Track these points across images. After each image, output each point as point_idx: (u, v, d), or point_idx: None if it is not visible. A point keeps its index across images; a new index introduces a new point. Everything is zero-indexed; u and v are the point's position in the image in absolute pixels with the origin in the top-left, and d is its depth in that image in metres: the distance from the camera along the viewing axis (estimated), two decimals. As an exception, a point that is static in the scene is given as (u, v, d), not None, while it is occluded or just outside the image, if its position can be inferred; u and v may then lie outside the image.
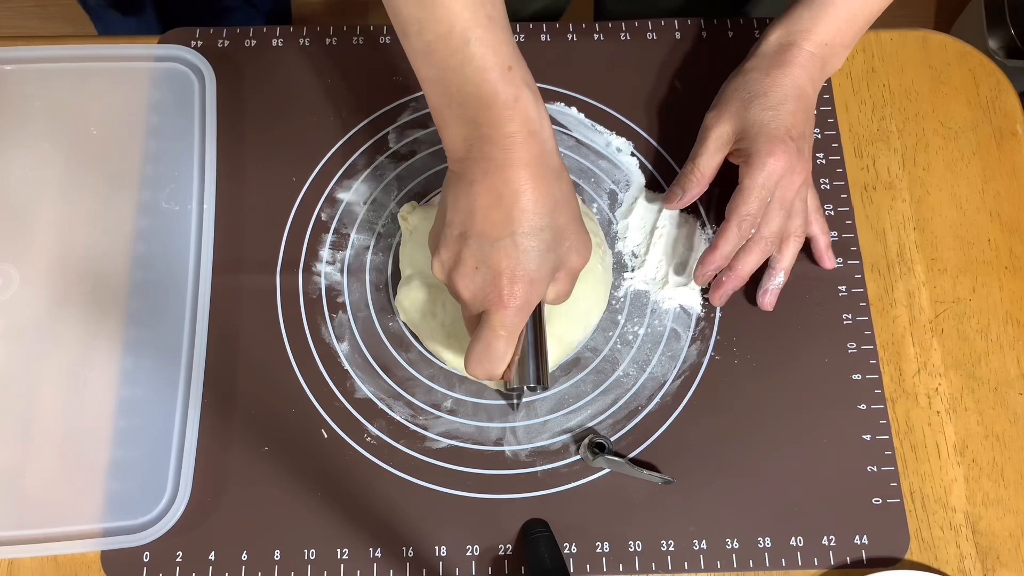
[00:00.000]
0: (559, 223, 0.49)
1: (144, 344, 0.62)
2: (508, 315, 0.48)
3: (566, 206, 0.50)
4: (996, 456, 0.61)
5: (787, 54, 0.61)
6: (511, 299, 0.48)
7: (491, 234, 0.48)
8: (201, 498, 0.58)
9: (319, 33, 0.71)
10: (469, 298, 0.50)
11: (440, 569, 0.57)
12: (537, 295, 0.49)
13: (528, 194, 0.47)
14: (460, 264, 0.49)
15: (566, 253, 0.50)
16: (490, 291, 0.49)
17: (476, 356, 0.50)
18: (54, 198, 0.65)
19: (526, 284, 0.48)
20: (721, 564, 0.57)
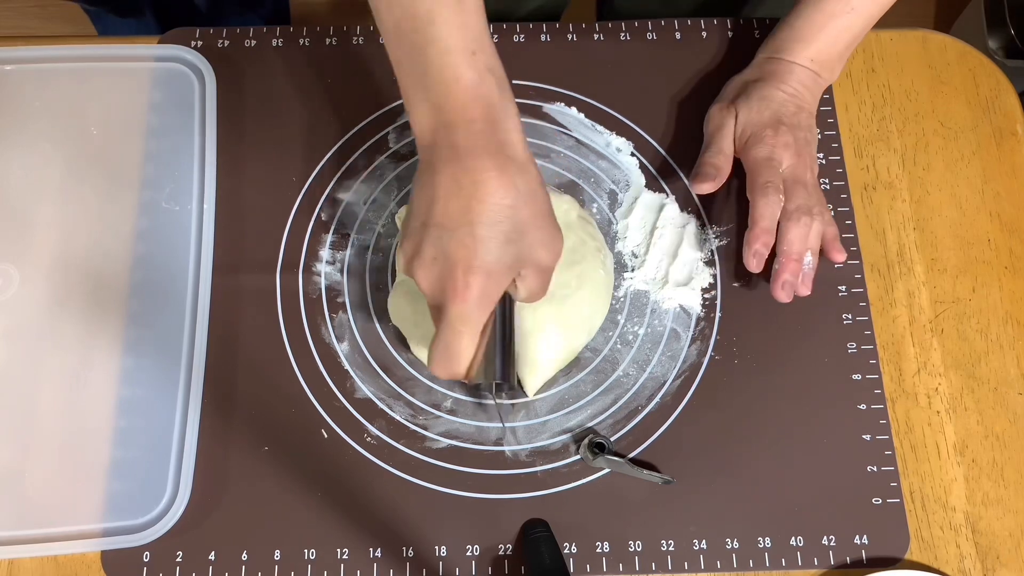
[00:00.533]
0: (521, 216, 0.47)
1: (144, 344, 0.62)
2: (466, 308, 0.47)
3: (530, 199, 0.48)
4: (996, 456, 0.61)
5: (778, 66, 0.64)
6: (467, 291, 0.47)
7: (448, 224, 0.47)
8: (201, 498, 0.58)
9: (319, 33, 0.71)
10: (428, 289, 0.49)
11: (440, 569, 0.57)
12: (496, 288, 0.48)
13: (487, 184, 0.46)
14: (419, 254, 0.48)
15: (529, 248, 0.48)
16: (447, 282, 0.47)
17: (437, 354, 0.49)
18: (54, 198, 0.65)
19: (483, 276, 0.47)
20: (721, 564, 0.57)
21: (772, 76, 0.64)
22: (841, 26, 0.63)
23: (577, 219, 0.62)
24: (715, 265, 0.65)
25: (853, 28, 0.64)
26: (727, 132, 0.64)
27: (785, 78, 0.63)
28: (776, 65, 0.64)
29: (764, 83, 0.64)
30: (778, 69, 0.64)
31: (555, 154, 0.68)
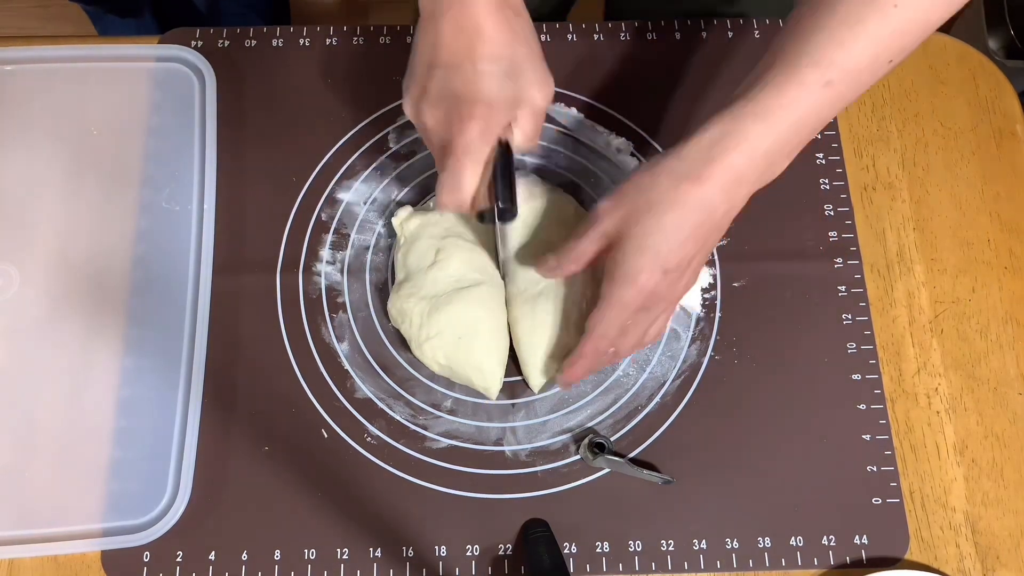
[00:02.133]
0: (518, 54, 0.51)
1: (144, 344, 0.62)
2: (469, 137, 0.50)
3: (525, 40, 0.52)
4: (996, 456, 0.61)
5: (710, 166, 0.49)
6: (471, 121, 0.50)
7: (452, 62, 0.50)
8: (201, 498, 0.58)
9: (319, 33, 0.71)
10: (434, 125, 0.52)
11: (440, 569, 0.57)
12: (497, 120, 0.51)
13: (487, 26, 0.50)
14: (425, 94, 0.51)
15: (526, 86, 0.51)
16: (452, 115, 0.50)
17: (445, 186, 0.51)
18: (54, 198, 0.65)
19: (485, 107, 0.50)
20: (721, 564, 0.57)
21: (688, 182, 0.50)
22: (803, 113, 0.50)
23: (574, 215, 0.62)
24: (715, 265, 0.65)
25: (820, 113, 0.51)
26: (593, 236, 0.53)
27: (702, 188, 0.50)
28: (706, 164, 0.50)
29: (669, 198, 0.50)
30: (703, 173, 0.50)
31: (555, 154, 0.68)
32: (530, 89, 0.51)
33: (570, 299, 0.59)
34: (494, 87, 0.50)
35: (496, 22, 0.50)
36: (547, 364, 0.59)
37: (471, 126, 0.50)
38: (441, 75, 0.51)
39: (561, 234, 0.60)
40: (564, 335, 0.59)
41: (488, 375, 0.59)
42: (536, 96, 0.52)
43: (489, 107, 0.50)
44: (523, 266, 0.60)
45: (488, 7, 0.50)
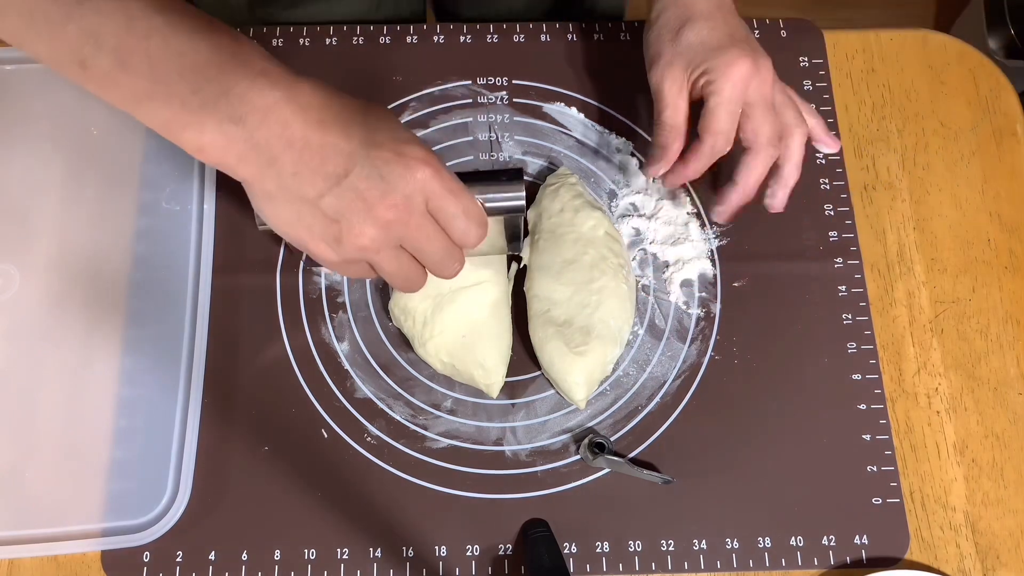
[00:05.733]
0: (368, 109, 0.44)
1: (144, 344, 0.62)
2: (456, 184, 0.44)
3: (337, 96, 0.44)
4: (996, 456, 0.61)
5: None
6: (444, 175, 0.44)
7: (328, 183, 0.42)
8: (201, 498, 0.58)
9: (319, 33, 0.71)
10: (377, 237, 0.44)
11: (440, 569, 0.57)
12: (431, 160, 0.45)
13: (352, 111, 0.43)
14: (370, 203, 0.43)
15: (383, 136, 0.43)
16: (430, 184, 0.43)
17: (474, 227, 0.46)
18: (54, 198, 0.65)
19: (430, 155, 0.44)
20: (721, 564, 0.57)
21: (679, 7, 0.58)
22: None
23: (603, 236, 0.62)
24: (715, 265, 0.65)
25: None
26: (670, 97, 0.57)
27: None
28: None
29: (682, 12, 0.58)
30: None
31: (555, 154, 0.68)
32: (389, 133, 0.44)
33: (597, 316, 0.59)
34: (411, 138, 0.44)
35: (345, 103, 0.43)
36: (587, 377, 0.59)
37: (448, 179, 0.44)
38: (334, 198, 0.42)
39: (587, 252, 0.60)
40: (602, 352, 0.59)
41: (491, 373, 0.59)
42: (401, 135, 0.45)
43: (430, 154, 0.44)
44: (547, 283, 0.60)
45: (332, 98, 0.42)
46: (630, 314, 0.61)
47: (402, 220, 0.44)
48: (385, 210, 0.43)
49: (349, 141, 0.41)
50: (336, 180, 0.41)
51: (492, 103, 0.69)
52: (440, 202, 0.44)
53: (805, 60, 0.71)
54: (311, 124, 0.40)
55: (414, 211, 0.44)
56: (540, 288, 0.60)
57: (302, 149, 0.40)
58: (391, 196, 0.42)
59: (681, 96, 0.58)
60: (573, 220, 0.62)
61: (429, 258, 0.47)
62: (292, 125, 0.40)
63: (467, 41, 0.71)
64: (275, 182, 0.41)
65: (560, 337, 0.58)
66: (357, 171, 0.41)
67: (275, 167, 0.40)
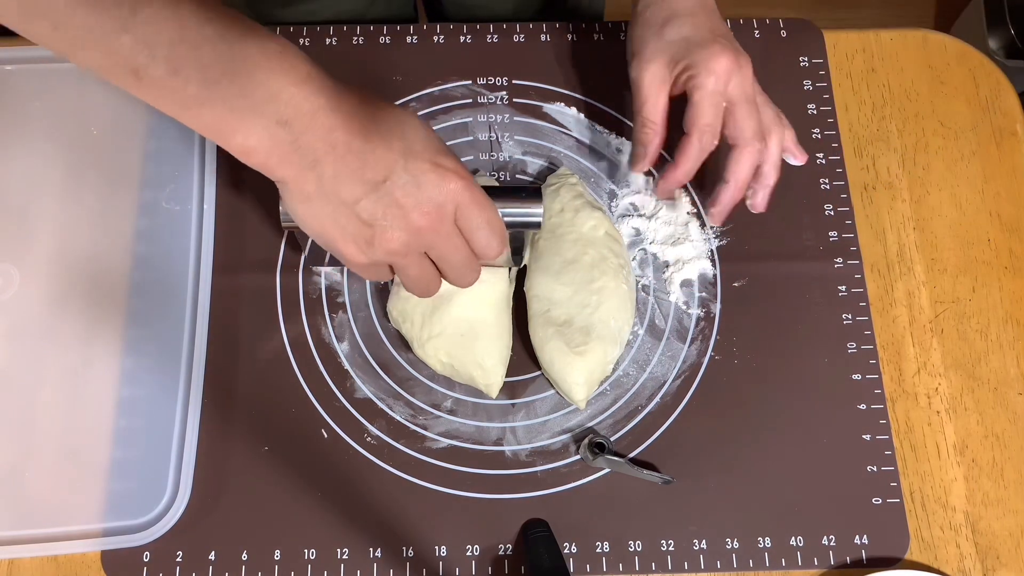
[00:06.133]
0: (415, 121, 0.46)
1: (144, 344, 0.62)
2: (483, 197, 0.46)
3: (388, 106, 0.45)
4: (996, 456, 0.61)
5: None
6: (473, 187, 0.45)
7: (366, 188, 0.43)
8: (201, 498, 0.58)
9: (319, 33, 0.71)
10: (407, 242, 0.45)
11: (440, 569, 0.57)
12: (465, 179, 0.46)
13: (394, 115, 0.44)
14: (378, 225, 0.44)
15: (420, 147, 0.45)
16: (461, 196, 0.45)
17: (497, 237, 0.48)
18: (54, 198, 0.65)
19: (463, 169, 0.45)
20: (721, 564, 0.57)
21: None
22: None
23: (604, 236, 0.62)
24: (715, 265, 0.65)
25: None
26: (650, 92, 0.58)
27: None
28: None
29: (666, 8, 0.58)
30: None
31: (555, 154, 0.68)
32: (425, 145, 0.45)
33: (598, 316, 0.59)
34: (445, 149, 0.46)
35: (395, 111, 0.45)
36: (587, 377, 0.59)
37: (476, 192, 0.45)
38: (372, 202, 0.43)
39: (587, 252, 0.60)
40: (603, 352, 0.59)
41: (490, 372, 0.59)
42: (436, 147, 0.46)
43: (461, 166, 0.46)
44: (547, 283, 0.60)
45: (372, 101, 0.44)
46: (630, 314, 0.61)
47: (433, 227, 0.45)
48: (419, 217, 0.44)
49: (389, 150, 0.43)
50: (374, 186, 0.43)
51: (492, 103, 0.69)
52: (468, 212, 0.46)
53: (805, 60, 0.71)
54: (354, 131, 0.41)
55: (445, 220, 0.45)
56: (540, 288, 0.60)
57: (344, 154, 0.41)
58: (425, 204, 0.44)
59: (661, 92, 0.58)
60: (573, 220, 0.62)
61: (450, 266, 0.49)
62: (336, 130, 0.41)
63: (467, 41, 0.71)
64: (315, 184, 0.42)
65: (560, 337, 0.58)
66: (395, 178, 0.43)
67: (316, 170, 0.41)
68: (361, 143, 0.42)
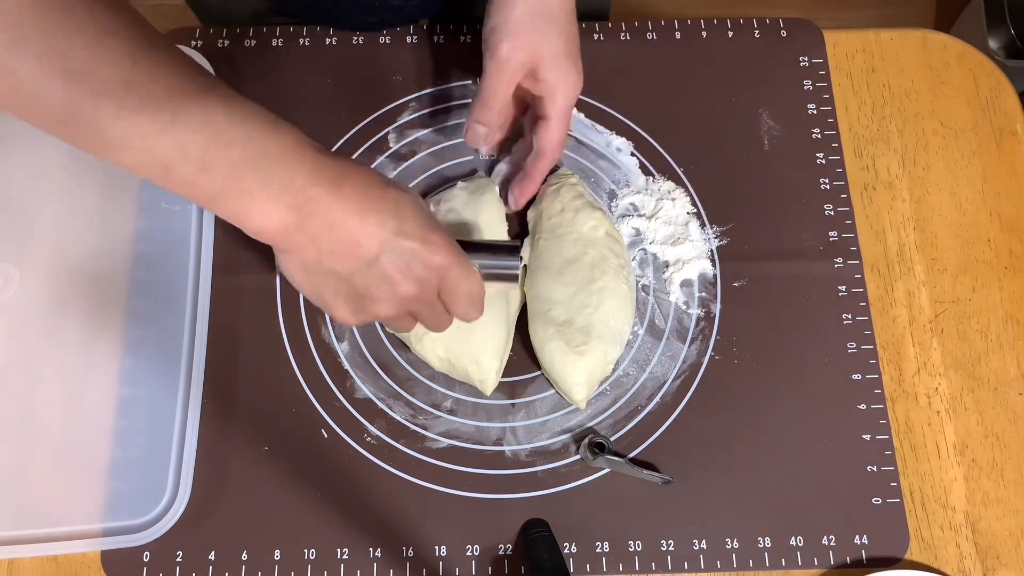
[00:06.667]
0: (392, 186, 0.48)
1: (144, 344, 0.62)
2: (466, 269, 0.50)
3: (374, 174, 0.48)
4: (996, 456, 0.61)
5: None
6: (458, 257, 0.49)
7: (360, 263, 0.47)
8: (201, 498, 0.58)
9: (319, 33, 0.71)
10: (393, 309, 0.49)
11: (440, 569, 0.57)
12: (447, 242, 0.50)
13: (376, 190, 0.47)
14: (369, 296, 0.48)
15: (412, 226, 0.48)
16: (446, 273, 0.49)
17: (476, 302, 0.52)
18: (54, 198, 0.65)
19: (450, 241, 0.49)
20: (721, 564, 0.57)
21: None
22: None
23: (604, 236, 0.62)
24: (715, 264, 0.65)
25: None
26: (508, 77, 0.58)
27: None
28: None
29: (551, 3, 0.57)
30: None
31: (555, 154, 0.68)
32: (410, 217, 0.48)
33: (598, 316, 0.59)
34: (431, 221, 0.49)
35: (374, 179, 0.47)
36: (588, 377, 0.59)
37: (460, 261, 0.49)
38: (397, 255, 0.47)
39: (587, 252, 0.60)
40: (603, 352, 0.59)
41: (485, 368, 0.59)
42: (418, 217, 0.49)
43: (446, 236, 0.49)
44: (548, 283, 0.60)
45: (357, 171, 0.46)
46: (630, 314, 0.61)
47: (418, 298, 0.49)
48: (407, 289, 0.48)
49: (383, 228, 0.46)
50: (368, 263, 0.47)
51: (492, 103, 0.69)
52: (451, 286, 0.50)
53: (805, 60, 0.71)
54: (351, 211, 0.45)
55: (429, 291, 0.50)
56: (540, 288, 0.60)
57: (341, 232, 0.45)
58: (413, 278, 0.48)
59: (508, 91, 0.59)
60: (574, 220, 0.62)
61: (427, 324, 0.53)
62: (334, 212, 0.45)
63: (467, 41, 0.71)
64: (314, 255, 0.46)
65: (560, 337, 0.58)
66: (387, 256, 0.47)
67: (316, 244, 0.45)
68: (357, 222, 0.45)
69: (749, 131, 0.68)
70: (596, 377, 0.59)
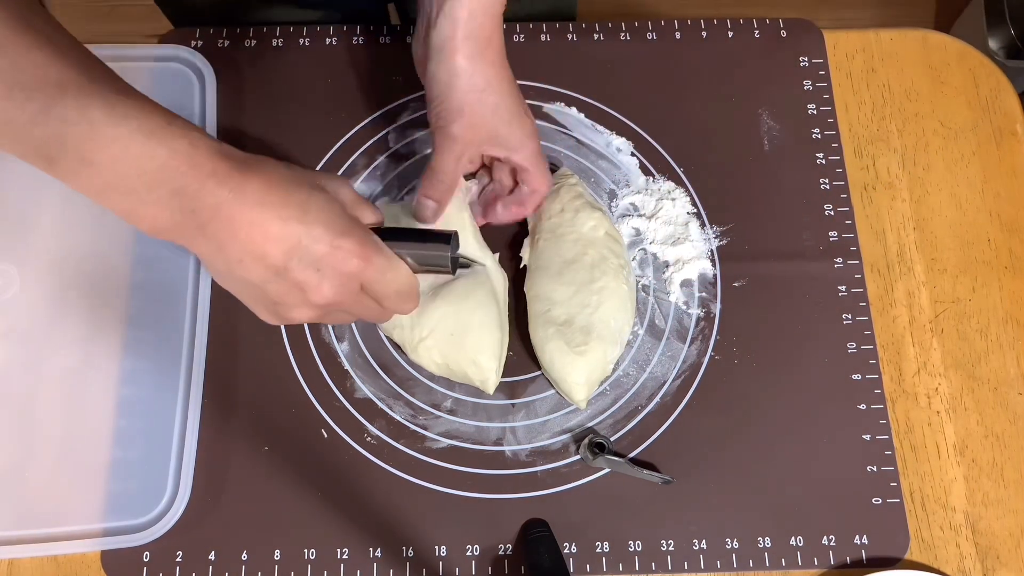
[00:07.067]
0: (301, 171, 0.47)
1: (144, 344, 0.62)
2: (371, 267, 0.47)
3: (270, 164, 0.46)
4: (996, 456, 0.61)
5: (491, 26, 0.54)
6: (364, 265, 0.46)
7: (268, 273, 0.45)
8: (201, 498, 0.58)
9: (319, 33, 0.71)
10: (314, 315, 0.48)
11: (440, 569, 0.57)
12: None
13: (279, 178, 0.45)
14: (283, 304, 0.47)
15: (320, 230, 0.46)
16: (331, 292, 0.46)
17: (397, 306, 0.50)
18: (55, 198, 0.65)
19: (350, 255, 0.46)
20: (721, 564, 0.57)
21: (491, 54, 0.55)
22: None
23: (604, 236, 0.62)
24: (715, 264, 0.65)
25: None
26: (463, 159, 0.57)
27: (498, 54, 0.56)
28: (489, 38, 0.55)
29: (501, 87, 0.56)
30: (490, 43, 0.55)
31: (555, 154, 0.68)
32: (334, 190, 0.48)
33: (598, 316, 0.59)
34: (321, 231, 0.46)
35: (279, 172, 0.45)
36: (588, 377, 0.59)
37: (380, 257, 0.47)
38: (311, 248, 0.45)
39: (587, 252, 0.60)
40: (603, 352, 0.59)
41: (484, 368, 0.59)
42: (341, 191, 0.49)
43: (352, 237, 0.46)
44: (548, 283, 0.60)
45: (262, 168, 0.44)
46: (630, 314, 0.61)
47: (337, 303, 0.48)
48: (320, 297, 0.46)
49: (288, 236, 0.44)
50: (276, 271, 0.45)
51: (492, 103, 0.69)
52: (374, 285, 0.48)
53: (805, 60, 0.71)
54: (255, 221, 0.43)
55: (348, 294, 0.48)
56: (540, 288, 0.60)
57: (245, 241, 0.44)
58: (324, 286, 0.46)
59: (459, 167, 0.58)
60: (574, 220, 0.62)
61: (366, 318, 0.52)
62: (236, 220, 0.43)
63: (467, 41, 0.71)
64: (224, 265, 0.45)
65: (561, 337, 0.58)
66: (295, 264, 0.45)
67: (223, 253, 0.44)
68: (261, 231, 0.44)
69: (749, 131, 0.69)
70: (596, 377, 0.59)
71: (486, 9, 0.52)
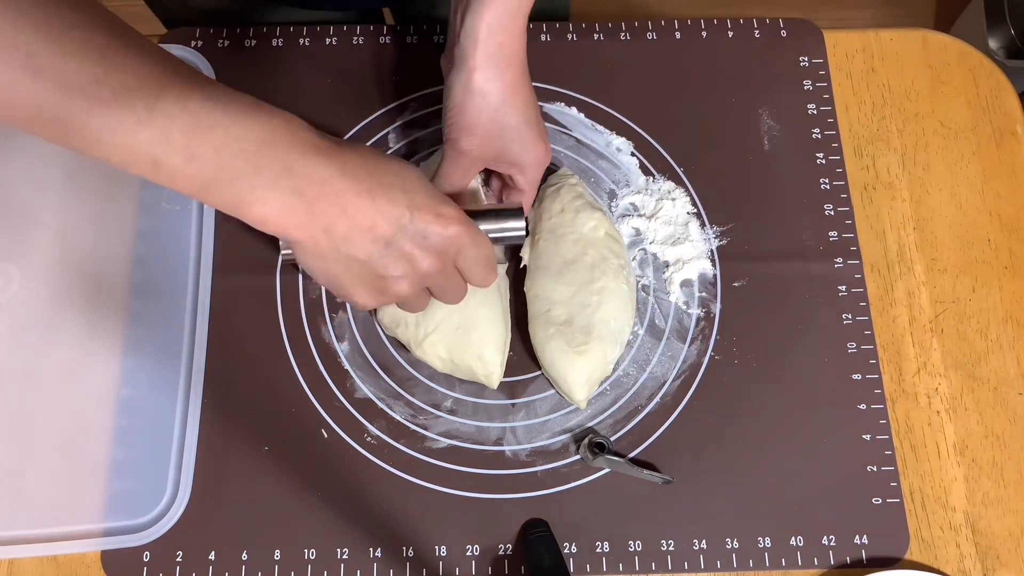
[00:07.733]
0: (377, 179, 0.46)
1: (144, 344, 0.62)
2: (469, 235, 0.48)
3: (358, 148, 0.47)
4: (996, 456, 0.61)
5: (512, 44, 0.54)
6: (469, 227, 0.48)
7: (377, 245, 0.46)
8: (201, 498, 0.58)
9: (319, 33, 0.71)
10: (415, 285, 0.49)
11: (440, 569, 0.57)
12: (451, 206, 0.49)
13: (377, 164, 0.46)
14: (391, 276, 0.48)
15: (422, 198, 0.47)
16: (458, 239, 0.48)
17: (483, 276, 0.51)
18: (55, 198, 0.65)
19: (453, 221, 0.47)
20: (721, 564, 0.57)
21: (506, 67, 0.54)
22: None
23: (604, 236, 0.62)
24: (715, 264, 0.65)
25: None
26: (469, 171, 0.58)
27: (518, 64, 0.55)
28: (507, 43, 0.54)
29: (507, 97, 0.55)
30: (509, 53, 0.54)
31: (555, 154, 0.68)
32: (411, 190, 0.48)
33: (598, 316, 0.59)
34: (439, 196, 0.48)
35: (373, 155, 0.47)
36: (588, 377, 0.59)
37: (471, 231, 0.49)
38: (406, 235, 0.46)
39: (587, 252, 0.60)
40: (603, 352, 0.59)
41: (489, 362, 0.59)
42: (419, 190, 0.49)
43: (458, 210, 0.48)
44: (548, 283, 0.60)
45: (353, 152, 0.45)
46: (630, 314, 0.61)
47: (438, 270, 0.49)
48: (428, 264, 0.48)
49: (395, 206, 0.45)
50: (385, 243, 0.46)
51: (492, 103, 0.69)
52: (467, 253, 0.50)
53: (805, 60, 0.71)
54: (362, 192, 0.44)
55: (447, 262, 0.49)
56: (540, 288, 0.60)
57: (355, 215, 0.44)
58: (432, 252, 0.48)
59: (465, 181, 0.58)
60: (574, 220, 0.62)
61: (447, 296, 0.53)
62: (345, 194, 0.44)
63: (467, 41, 0.71)
64: (329, 244, 0.45)
65: (561, 337, 0.58)
66: (402, 234, 0.46)
67: (330, 233, 0.44)
68: (369, 203, 0.44)
69: (749, 131, 0.69)
70: (596, 377, 0.59)
71: (506, 26, 0.52)
